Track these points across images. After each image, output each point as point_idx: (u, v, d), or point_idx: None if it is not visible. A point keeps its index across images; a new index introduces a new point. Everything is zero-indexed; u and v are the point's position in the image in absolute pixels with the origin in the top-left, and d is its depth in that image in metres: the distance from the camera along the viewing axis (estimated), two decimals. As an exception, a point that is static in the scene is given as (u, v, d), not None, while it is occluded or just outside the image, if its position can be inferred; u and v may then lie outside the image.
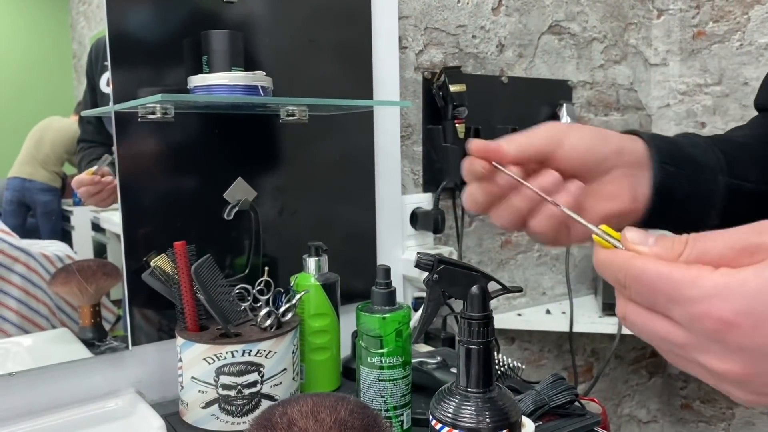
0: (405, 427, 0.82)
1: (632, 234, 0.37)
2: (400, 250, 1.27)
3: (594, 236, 0.39)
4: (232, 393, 0.84)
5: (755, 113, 0.69)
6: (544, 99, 1.52)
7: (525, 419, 0.77)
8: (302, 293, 0.93)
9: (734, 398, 0.36)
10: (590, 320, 1.49)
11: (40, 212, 0.97)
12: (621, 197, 0.54)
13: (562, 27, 1.56)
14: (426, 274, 0.81)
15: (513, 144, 0.51)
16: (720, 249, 0.34)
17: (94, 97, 0.96)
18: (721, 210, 0.57)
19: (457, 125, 1.30)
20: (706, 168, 0.58)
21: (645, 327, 0.36)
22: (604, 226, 0.39)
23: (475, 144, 0.51)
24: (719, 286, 0.32)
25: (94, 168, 0.96)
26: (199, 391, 0.85)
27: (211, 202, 1.01)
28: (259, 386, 0.85)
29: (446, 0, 1.33)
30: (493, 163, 0.51)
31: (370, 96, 1.18)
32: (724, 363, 0.33)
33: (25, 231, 0.95)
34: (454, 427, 0.58)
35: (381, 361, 0.79)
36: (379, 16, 1.18)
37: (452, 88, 1.27)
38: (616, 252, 0.38)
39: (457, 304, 1.30)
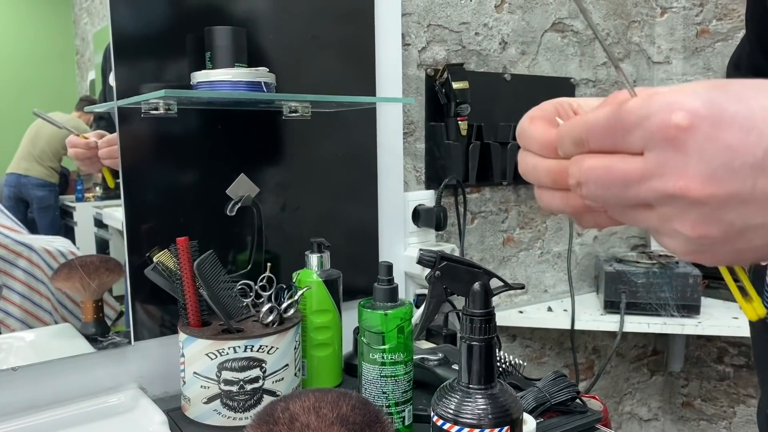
0: (406, 423, 0.82)
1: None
2: (402, 247, 1.27)
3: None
4: (234, 388, 0.84)
5: None
6: (546, 96, 1.50)
7: (526, 416, 0.77)
8: (304, 289, 0.94)
9: (683, 243, 0.34)
10: (592, 318, 1.49)
11: (36, 207, 0.97)
12: None
13: (565, 24, 1.56)
14: (428, 270, 0.81)
15: None
16: (670, 89, 0.34)
17: (104, 92, 0.96)
18: None
19: (459, 122, 1.30)
20: None
21: (602, 170, 0.34)
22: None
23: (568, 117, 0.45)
24: (673, 94, 0.32)
25: (88, 134, 0.97)
26: (201, 387, 0.85)
27: (213, 198, 1.01)
28: (261, 382, 0.85)
29: (449, -3, 1.33)
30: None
31: (372, 93, 1.18)
32: (682, 177, 0.32)
33: (25, 226, 0.96)
34: (456, 423, 0.58)
35: (383, 358, 0.80)
36: (382, 12, 1.18)
37: (455, 85, 1.27)
38: (575, 117, 0.38)
39: (459, 301, 1.30)
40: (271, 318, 0.88)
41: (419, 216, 1.28)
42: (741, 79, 0.33)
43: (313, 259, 0.96)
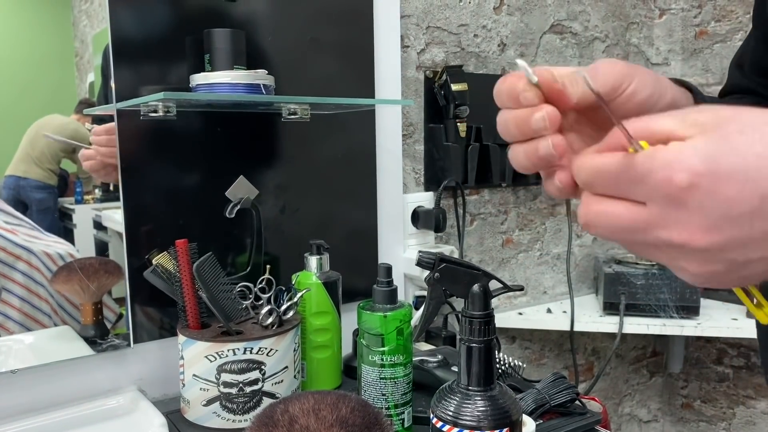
0: (406, 425, 0.82)
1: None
2: (402, 249, 1.27)
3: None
4: (234, 391, 0.84)
5: None
6: (545, 98, 1.52)
7: (526, 418, 0.77)
8: (304, 291, 0.94)
9: (690, 277, 0.37)
10: (591, 319, 1.49)
11: (35, 210, 0.97)
12: None
13: (563, 26, 1.56)
14: (427, 272, 0.81)
15: (578, 89, 0.43)
16: (666, 125, 0.36)
17: (104, 94, 0.96)
18: None
19: (458, 124, 1.30)
20: None
21: (610, 217, 0.37)
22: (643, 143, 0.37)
23: (541, 75, 0.43)
24: (674, 152, 0.34)
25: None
26: (200, 389, 0.85)
27: (213, 200, 1.01)
28: (260, 384, 0.85)
29: (448, -1, 1.34)
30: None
31: (371, 95, 1.18)
32: (685, 230, 0.34)
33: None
34: (455, 425, 0.58)
35: (382, 360, 0.80)
36: (381, 14, 1.18)
37: (454, 87, 1.27)
38: (584, 155, 0.39)
39: (458, 303, 1.30)
40: (270, 320, 0.88)
41: (418, 218, 1.28)
42: (737, 114, 0.34)
43: (313, 261, 0.96)
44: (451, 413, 0.58)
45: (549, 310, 1.54)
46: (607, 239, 0.40)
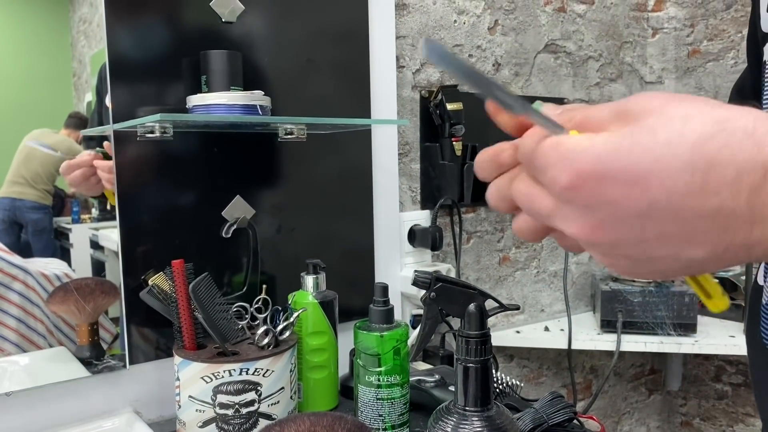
0: (403, 446, 0.82)
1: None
2: (399, 267, 1.27)
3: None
4: (230, 412, 0.83)
5: None
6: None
7: (523, 438, 0.76)
8: (300, 311, 0.93)
9: (608, 267, 0.37)
10: (589, 337, 1.49)
11: (31, 230, 0.97)
12: None
13: (557, 46, 1.58)
14: (424, 291, 0.81)
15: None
16: (602, 115, 0.35)
17: (100, 113, 0.97)
18: None
19: (454, 143, 1.31)
20: None
21: (528, 197, 0.37)
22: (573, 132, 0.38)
23: None
24: (569, 149, 0.34)
25: (88, 152, 0.97)
26: (196, 410, 0.84)
27: (209, 220, 1.01)
28: (256, 405, 0.84)
29: (443, 20, 1.35)
30: None
31: (367, 114, 1.18)
32: (574, 225, 0.35)
33: (19, 249, 0.95)
34: (452, 446, 0.58)
35: (379, 380, 0.79)
36: (377, 35, 1.19)
37: (449, 106, 1.28)
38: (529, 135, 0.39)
39: (456, 322, 1.30)
40: (266, 340, 0.87)
41: (415, 236, 1.28)
42: (667, 105, 0.33)
43: (309, 280, 0.96)
44: (447, 434, 0.58)
45: (546, 328, 1.54)
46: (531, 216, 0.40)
